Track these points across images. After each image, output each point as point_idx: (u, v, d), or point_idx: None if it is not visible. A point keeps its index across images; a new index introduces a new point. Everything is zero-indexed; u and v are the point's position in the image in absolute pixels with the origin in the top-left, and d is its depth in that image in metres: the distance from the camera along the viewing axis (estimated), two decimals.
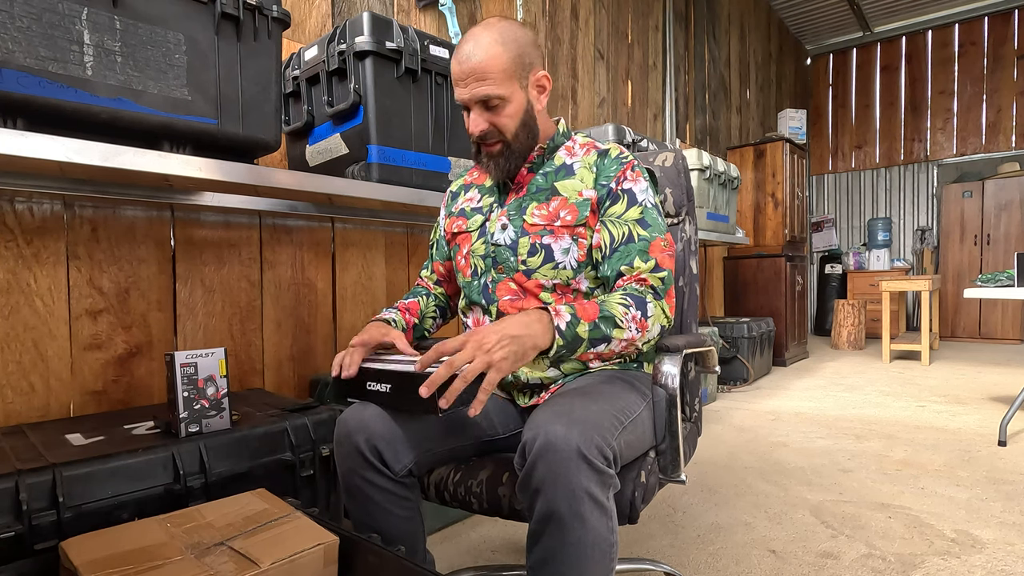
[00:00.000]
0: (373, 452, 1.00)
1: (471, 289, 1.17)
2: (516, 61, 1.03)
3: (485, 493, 1.02)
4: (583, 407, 0.87)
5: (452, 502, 1.07)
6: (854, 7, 6.23)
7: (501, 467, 1.04)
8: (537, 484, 0.82)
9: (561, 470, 0.80)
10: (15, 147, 1.00)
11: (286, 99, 1.77)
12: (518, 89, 1.05)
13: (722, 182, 3.69)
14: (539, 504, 0.82)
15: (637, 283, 1.02)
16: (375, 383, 1.01)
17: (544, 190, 1.11)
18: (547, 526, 0.82)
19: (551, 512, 0.81)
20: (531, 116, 1.08)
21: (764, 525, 1.77)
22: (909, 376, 4.17)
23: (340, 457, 1.03)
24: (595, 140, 1.16)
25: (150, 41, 1.13)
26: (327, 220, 2.00)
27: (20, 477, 0.94)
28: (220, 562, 0.79)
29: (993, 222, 5.92)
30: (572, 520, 0.81)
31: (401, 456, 1.01)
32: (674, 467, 1.04)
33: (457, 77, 1.04)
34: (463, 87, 1.04)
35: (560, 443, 0.80)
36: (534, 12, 3.02)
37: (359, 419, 1.01)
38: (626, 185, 1.08)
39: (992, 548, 1.60)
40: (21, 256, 1.37)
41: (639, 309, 0.97)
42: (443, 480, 1.07)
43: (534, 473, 0.82)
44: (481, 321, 1.16)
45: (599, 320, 0.93)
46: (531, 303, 1.09)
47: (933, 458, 2.35)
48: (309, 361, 1.95)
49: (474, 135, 1.06)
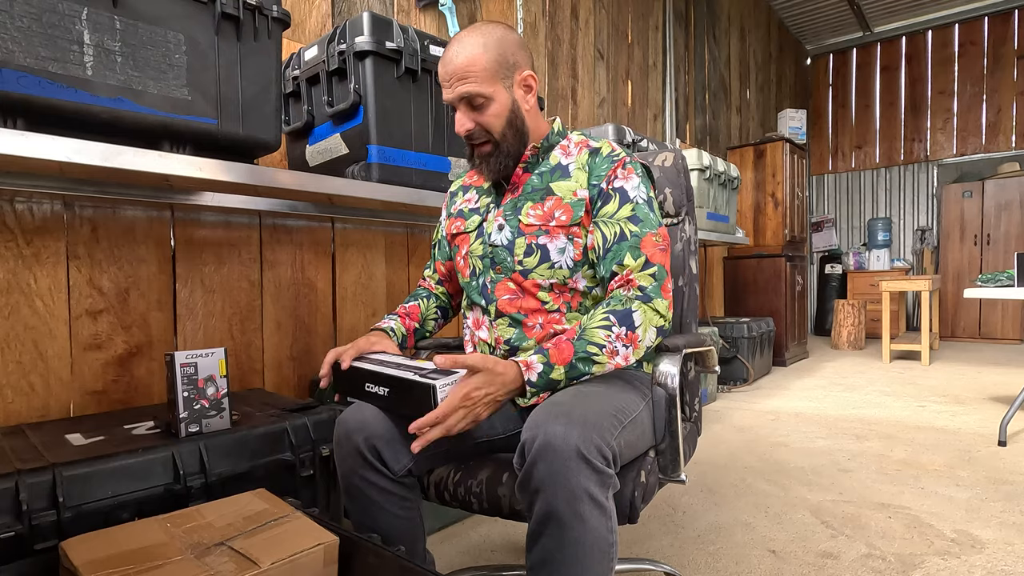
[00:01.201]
0: (372, 452, 1.00)
1: (470, 289, 1.18)
2: (498, 61, 1.04)
3: (485, 493, 1.02)
4: (582, 407, 0.88)
5: (452, 502, 1.07)
6: (854, 7, 6.23)
7: (501, 468, 1.04)
8: (536, 484, 0.82)
9: (560, 470, 0.80)
10: (15, 147, 1.00)
11: (286, 99, 1.77)
12: (502, 89, 1.06)
13: (722, 182, 3.69)
14: (538, 504, 0.82)
15: (624, 287, 1.02)
16: (373, 385, 1.02)
17: (539, 190, 1.11)
18: (546, 526, 0.82)
19: (550, 512, 0.81)
20: (518, 116, 1.08)
21: (764, 525, 1.77)
22: (909, 376, 4.17)
23: (340, 457, 1.03)
24: (589, 138, 1.16)
25: (150, 41, 1.13)
26: (327, 220, 2.00)
27: (20, 477, 0.94)
28: (220, 562, 0.79)
29: (993, 222, 5.92)
30: (572, 520, 0.80)
31: (400, 456, 1.02)
32: (674, 467, 1.04)
33: (442, 79, 1.06)
34: (448, 88, 1.06)
35: (559, 443, 0.80)
36: (534, 12, 3.02)
37: (359, 419, 1.02)
38: (617, 184, 1.07)
39: (992, 548, 1.60)
40: (21, 256, 1.37)
41: (623, 324, 0.97)
42: (443, 480, 1.07)
43: (533, 473, 0.82)
44: (481, 320, 1.16)
45: (575, 361, 0.95)
46: (530, 302, 1.09)
47: (933, 458, 2.35)
48: (309, 361, 1.95)
49: (460, 135, 1.08)
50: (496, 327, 1.13)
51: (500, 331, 1.12)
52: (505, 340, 1.11)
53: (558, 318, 1.09)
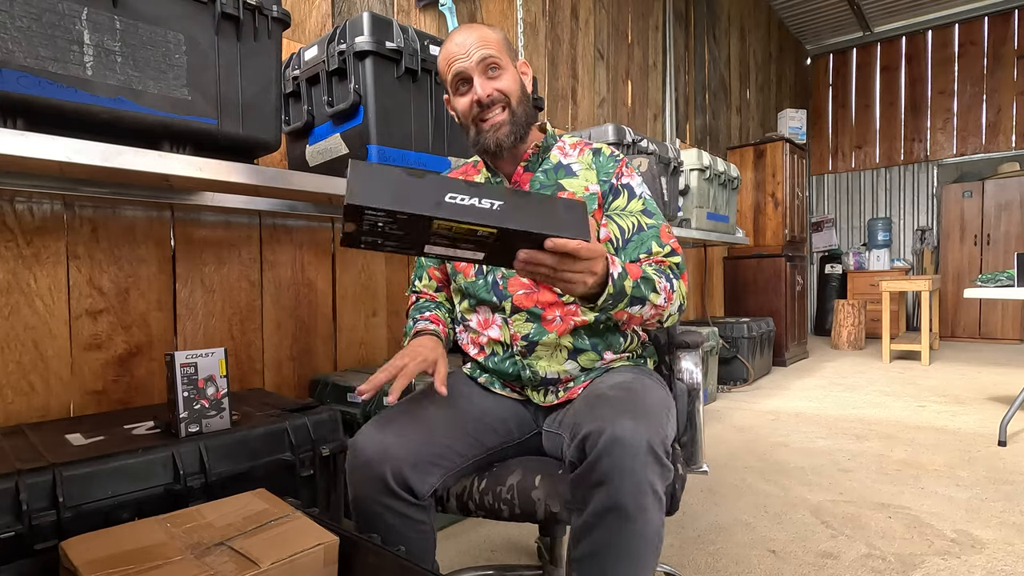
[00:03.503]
0: (398, 479, 0.94)
1: (476, 288, 1.15)
2: (506, 42, 1.12)
3: (517, 499, 0.99)
4: (642, 402, 0.91)
5: (477, 512, 1.03)
6: (854, 7, 6.23)
7: (530, 471, 1.02)
8: (600, 477, 0.83)
9: (630, 464, 0.82)
10: (15, 147, 1.00)
11: (286, 99, 1.77)
12: (511, 64, 1.11)
13: (722, 182, 3.69)
14: (599, 496, 0.83)
15: (657, 264, 1.06)
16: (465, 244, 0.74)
17: (549, 186, 1.14)
18: (604, 518, 0.84)
19: (614, 505, 0.83)
20: (525, 92, 1.13)
21: (764, 525, 1.77)
22: (909, 376, 4.17)
23: (356, 482, 0.97)
24: (583, 139, 1.21)
25: (150, 41, 1.13)
26: (327, 220, 2.00)
27: (20, 477, 0.94)
28: (220, 562, 0.79)
29: (993, 222, 5.92)
30: (636, 512, 0.82)
31: (427, 476, 0.97)
32: (696, 458, 1.08)
33: (455, 54, 1.07)
34: (464, 58, 1.06)
35: (630, 438, 0.83)
36: (534, 12, 3.02)
37: (379, 447, 0.95)
38: (624, 180, 1.14)
39: (992, 548, 1.60)
40: (21, 256, 1.37)
41: (668, 281, 1.02)
42: (466, 491, 1.03)
43: (598, 466, 0.83)
44: (490, 320, 1.14)
45: (641, 280, 0.96)
46: (545, 295, 1.10)
47: (933, 458, 2.35)
48: (309, 361, 1.95)
49: (482, 101, 1.07)
50: (512, 323, 1.11)
51: (516, 327, 1.10)
52: (523, 336, 1.10)
53: (574, 310, 1.10)
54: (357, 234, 0.74)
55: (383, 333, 2.19)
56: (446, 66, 1.09)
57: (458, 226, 0.72)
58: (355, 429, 1.68)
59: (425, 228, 0.72)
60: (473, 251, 0.79)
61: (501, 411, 1.12)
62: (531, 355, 1.10)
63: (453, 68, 1.08)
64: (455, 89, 1.11)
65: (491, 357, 1.14)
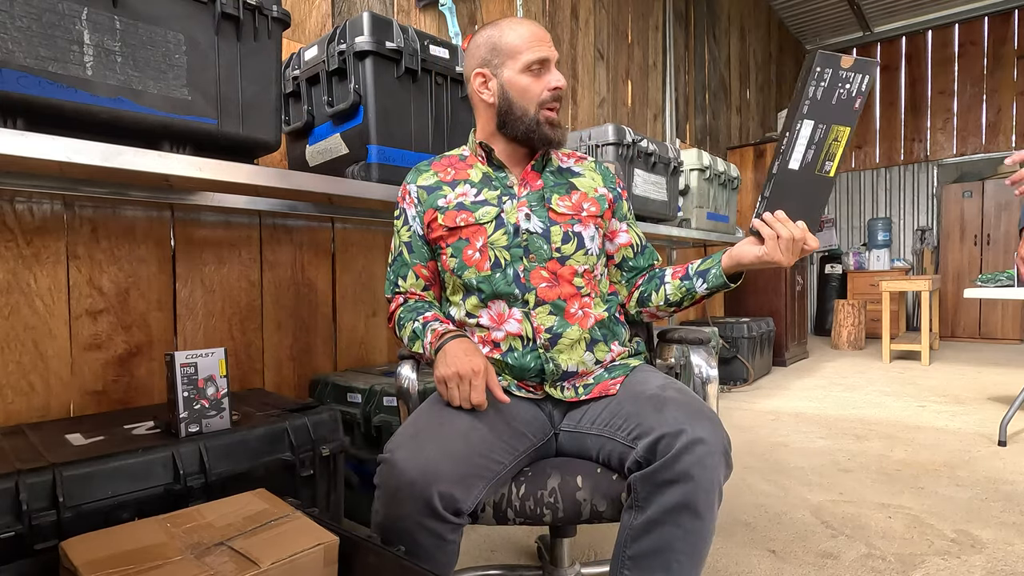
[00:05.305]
0: (446, 502, 0.89)
1: (494, 282, 1.11)
2: None
3: (561, 501, 0.98)
4: (707, 406, 0.97)
5: (516, 519, 1.00)
6: (854, 7, 6.23)
7: (568, 472, 1.01)
8: (674, 476, 0.87)
9: (709, 463, 0.87)
10: (15, 147, 1.00)
11: (286, 99, 1.77)
12: None
13: (722, 182, 3.68)
14: (667, 495, 0.87)
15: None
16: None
17: (562, 184, 1.20)
18: (672, 516, 0.87)
19: (685, 503, 0.86)
20: None
21: (764, 525, 1.77)
22: (909, 376, 4.17)
23: (394, 503, 0.90)
24: (574, 151, 1.31)
25: (150, 41, 1.13)
26: (327, 220, 2.00)
27: (20, 477, 0.94)
28: (220, 562, 0.79)
29: (993, 222, 5.92)
30: (706, 511, 0.87)
31: (472, 491, 0.93)
32: None
33: (540, 38, 1.13)
34: (546, 46, 1.13)
35: (710, 439, 0.88)
36: (534, 12, 3.02)
37: (420, 464, 0.89)
38: (619, 188, 1.27)
39: (992, 548, 1.60)
40: (21, 256, 1.37)
41: None
42: (504, 499, 1.00)
43: (675, 465, 0.86)
44: (508, 313, 1.10)
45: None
46: (566, 288, 1.12)
47: (933, 458, 2.35)
48: (309, 361, 1.95)
49: (561, 89, 1.15)
50: (535, 316, 1.10)
51: (540, 320, 1.10)
52: (546, 328, 1.09)
53: (589, 303, 1.14)
54: None
55: (383, 333, 2.19)
56: (526, 44, 1.11)
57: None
58: (355, 429, 1.68)
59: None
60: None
61: (524, 413, 1.09)
62: (553, 348, 1.10)
63: (538, 50, 1.11)
64: (529, 68, 1.12)
65: (509, 352, 1.10)
